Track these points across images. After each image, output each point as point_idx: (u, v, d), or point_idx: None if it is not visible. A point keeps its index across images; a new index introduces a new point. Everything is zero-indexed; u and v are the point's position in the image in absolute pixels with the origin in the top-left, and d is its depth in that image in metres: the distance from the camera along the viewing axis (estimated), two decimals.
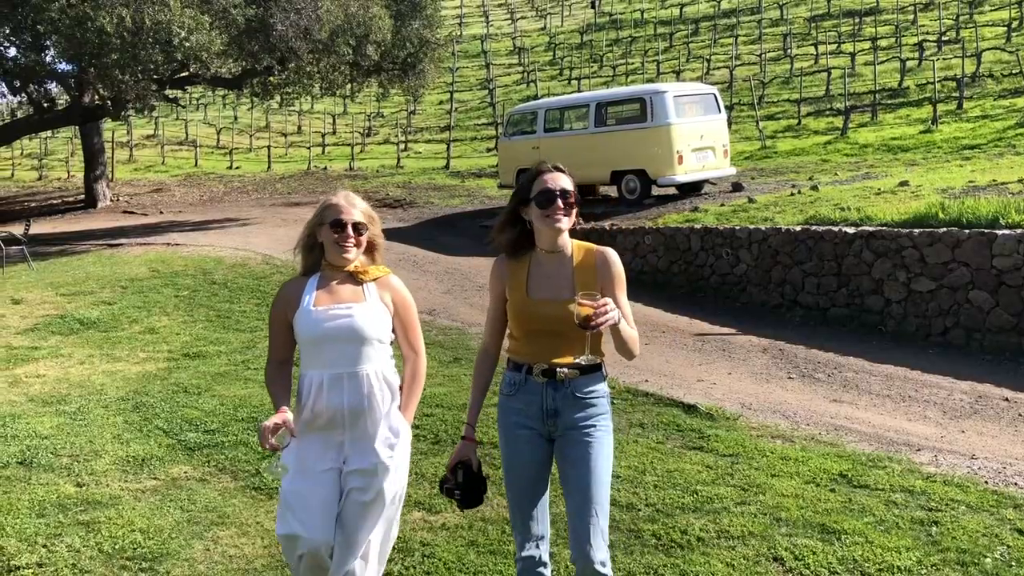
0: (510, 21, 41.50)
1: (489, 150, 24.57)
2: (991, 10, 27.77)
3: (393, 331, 3.16)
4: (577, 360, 2.78)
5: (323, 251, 3.11)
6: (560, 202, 2.80)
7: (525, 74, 32.58)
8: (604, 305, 2.61)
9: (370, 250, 3.16)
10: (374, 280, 3.12)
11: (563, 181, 2.85)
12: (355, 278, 3.10)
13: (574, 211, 2.87)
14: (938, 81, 19.81)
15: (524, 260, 2.93)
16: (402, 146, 26.66)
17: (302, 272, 3.18)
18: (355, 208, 3.07)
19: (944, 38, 25.50)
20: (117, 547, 4.22)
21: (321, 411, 3.06)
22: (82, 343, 8.81)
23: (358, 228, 3.06)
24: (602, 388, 2.93)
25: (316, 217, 3.12)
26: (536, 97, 26.45)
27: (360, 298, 3.07)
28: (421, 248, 13.94)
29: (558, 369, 2.85)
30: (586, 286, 2.78)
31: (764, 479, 4.85)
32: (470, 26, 41.44)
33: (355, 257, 3.09)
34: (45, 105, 19.67)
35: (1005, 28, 24.87)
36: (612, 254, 2.90)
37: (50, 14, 14.51)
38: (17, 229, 15.36)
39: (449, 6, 39.10)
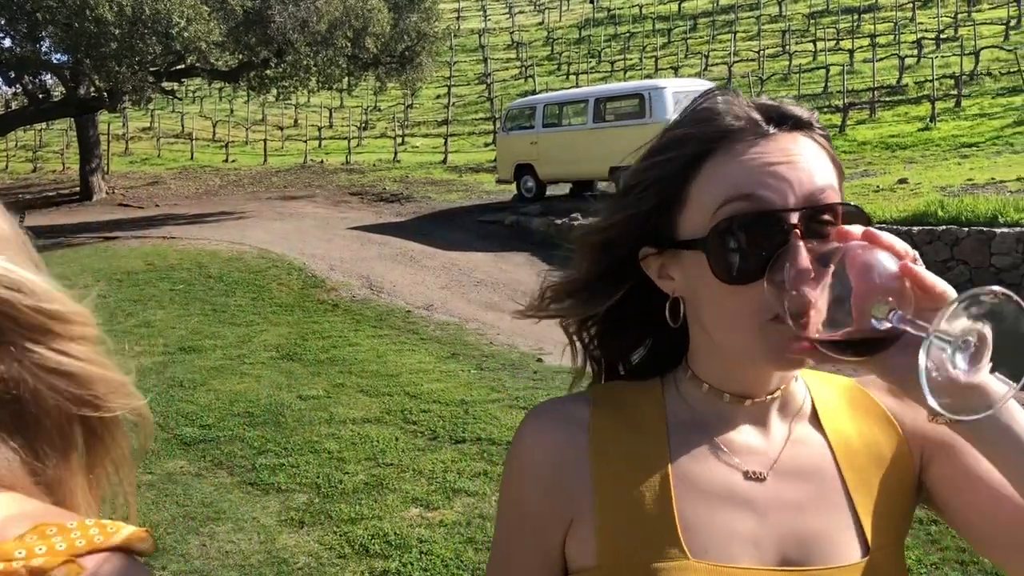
0: (508, 15, 41.41)
1: (487, 145, 24.51)
2: (989, 8, 27.77)
3: None
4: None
5: None
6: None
7: (523, 69, 32.51)
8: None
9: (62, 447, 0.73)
10: None
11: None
12: None
13: None
14: (937, 79, 19.79)
15: (648, 423, 0.93)
16: (399, 140, 26.59)
17: None
18: None
19: (943, 36, 25.49)
20: None
21: None
22: None
23: None
24: None
25: None
26: (534, 92, 26.40)
27: None
28: (418, 243, 13.90)
29: None
30: (891, 515, 0.90)
31: None
32: (468, 20, 41.33)
33: None
34: (40, 96, 19.59)
35: (1003, 26, 24.86)
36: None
37: (48, 2, 14.42)
38: None
39: None
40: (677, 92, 14.17)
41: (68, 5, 14.51)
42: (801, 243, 0.78)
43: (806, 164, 0.82)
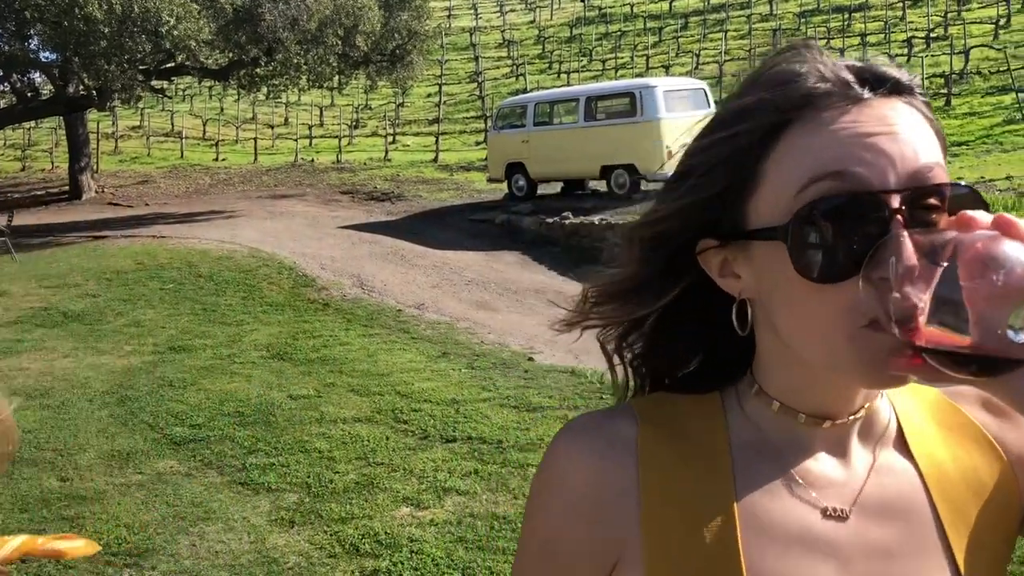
0: (499, 14, 41.38)
1: (478, 143, 24.50)
2: (979, 7, 27.89)
3: None
4: None
5: None
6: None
7: (514, 67, 32.51)
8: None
9: None
10: None
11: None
12: None
13: None
14: (926, 78, 19.86)
15: (707, 446, 0.77)
16: (390, 139, 26.55)
17: None
18: None
19: (932, 35, 25.58)
20: (102, 542, 4.17)
21: None
22: (67, 336, 8.73)
23: None
24: None
25: None
26: (525, 90, 26.40)
27: None
28: (409, 242, 13.87)
29: None
30: (992, 555, 0.75)
31: None
32: (459, 18, 41.30)
33: None
34: (29, 95, 19.49)
35: (992, 25, 24.98)
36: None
37: (37, 0, 14.36)
38: None
39: None
40: (668, 91, 14.20)
41: (56, 3, 14.44)
42: (906, 232, 0.63)
43: (908, 136, 0.68)
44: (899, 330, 0.62)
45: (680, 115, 14.16)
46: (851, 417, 0.75)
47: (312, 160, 25.78)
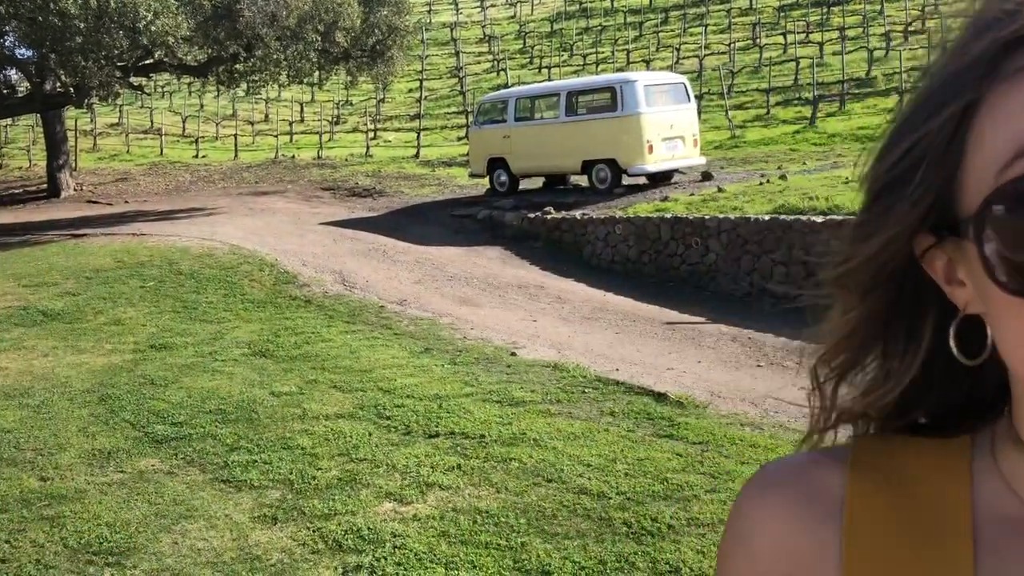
0: (480, 8, 41.31)
1: (460, 139, 24.48)
2: (956, 1, 28.09)
3: None
4: None
5: None
6: None
7: (495, 62, 32.48)
8: None
9: None
10: None
11: None
12: None
13: None
14: (905, 71, 20.01)
15: (941, 515, 0.53)
16: (371, 135, 26.48)
17: None
18: None
19: (911, 28, 25.77)
20: (83, 541, 4.16)
21: None
22: (46, 335, 8.67)
23: None
24: None
25: None
26: (506, 86, 26.38)
27: None
28: (391, 238, 13.85)
29: None
30: None
31: (734, 467, 4.88)
32: (439, 13, 41.20)
33: None
34: (4, 92, 19.29)
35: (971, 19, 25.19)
36: None
37: None
38: None
39: None
40: (648, 85, 14.25)
41: None
42: None
43: None
44: None
45: (661, 109, 14.21)
46: None
47: (293, 156, 25.67)
